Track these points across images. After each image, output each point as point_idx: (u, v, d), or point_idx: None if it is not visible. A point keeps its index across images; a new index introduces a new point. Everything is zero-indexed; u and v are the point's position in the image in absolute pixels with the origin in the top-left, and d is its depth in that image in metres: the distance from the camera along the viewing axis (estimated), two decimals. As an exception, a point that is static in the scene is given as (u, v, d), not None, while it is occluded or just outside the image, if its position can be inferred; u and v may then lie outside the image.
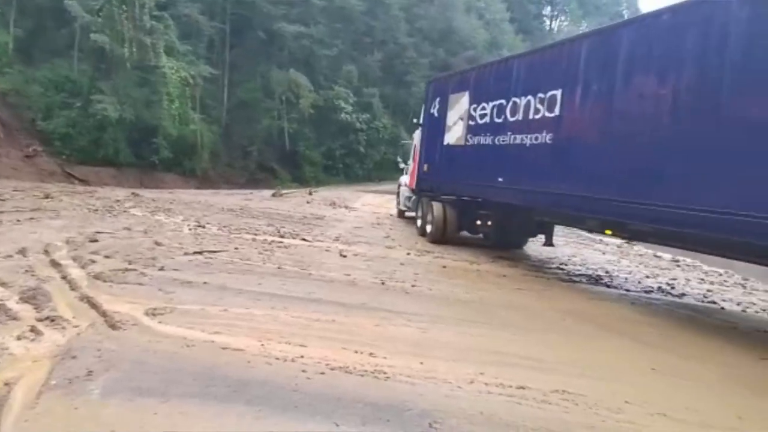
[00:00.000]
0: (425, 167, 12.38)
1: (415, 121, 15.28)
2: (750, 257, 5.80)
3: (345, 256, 8.60)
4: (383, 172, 36.96)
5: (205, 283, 5.95)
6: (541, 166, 8.24)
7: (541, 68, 8.64)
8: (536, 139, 8.31)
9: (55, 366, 3.48)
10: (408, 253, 9.44)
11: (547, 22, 67.69)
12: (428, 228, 11.39)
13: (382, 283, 6.83)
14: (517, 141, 8.80)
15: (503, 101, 9.26)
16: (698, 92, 5.79)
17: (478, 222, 10.40)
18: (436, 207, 11.03)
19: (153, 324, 4.46)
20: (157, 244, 8.20)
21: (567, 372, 4.16)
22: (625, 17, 65.18)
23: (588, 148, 7.42)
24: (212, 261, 7.28)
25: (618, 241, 13.11)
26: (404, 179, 15.48)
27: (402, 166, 16.84)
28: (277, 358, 3.85)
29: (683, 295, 8.10)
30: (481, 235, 11.19)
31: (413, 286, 6.83)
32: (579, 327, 5.66)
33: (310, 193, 24.16)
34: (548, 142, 8.06)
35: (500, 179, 9.21)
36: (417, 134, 13.94)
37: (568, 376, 4.04)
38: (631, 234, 7.59)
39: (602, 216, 7.21)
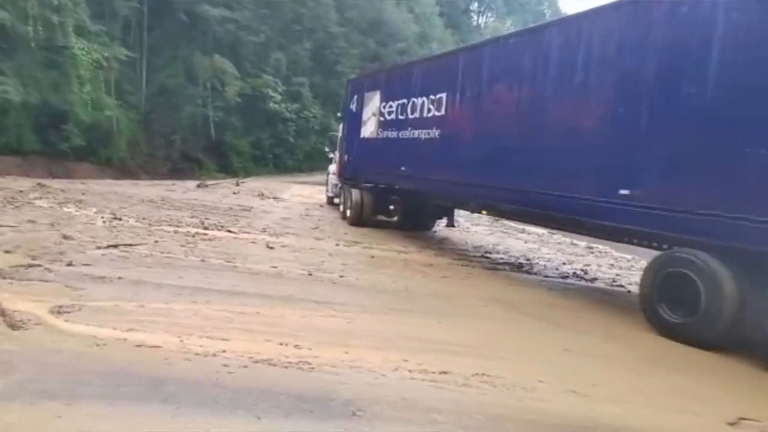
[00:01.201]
0: (346, 158, 13.80)
1: (339, 114, 16.49)
2: (574, 229, 7.43)
3: (272, 248, 8.44)
4: (314, 162, 36.56)
5: (119, 278, 5.62)
6: (432, 157, 9.72)
7: (433, 73, 10.15)
8: (428, 134, 9.82)
9: (-57, 372, 3.16)
10: (337, 244, 9.41)
11: (475, 18, 69.55)
12: (348, 212, 12.71)
13: (310, 275, 6.76)
14: (415, 135, 10.27)
15: (405, 100, 10.68)
16: (531, 100, 7.46)
17: (391, 207, 11.94)
18: (355, 193, 12.33)
19: (59, 323, 4.15)
20: (66, 237, 7.63)
21: (487, 355, 4.32)
22: (547, 16, 68.37)
23: (465, 142, 8.91)
24: (128, 255, 6.88)
25: (539, 230, 13.79)
26: (332, 168, 16.26)
27: (331, 156, 17.46)
28: (197, 354, 3.71)
29: (595, 279, 8.67)
30: (396, 218, 12.37)
31: (341, 276, 6.82)
32: (500, 312, 5.90)
33: (238, 184, 23.47)
34: (437, 137, 9.59)
35: (403, 168, 10.66)
36: (341, 126, 15.15)
37: (488, 359, 4.20)
38: (500, 213, 9.33)
39: (478, 199, 8.81)
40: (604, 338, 5.28)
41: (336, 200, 15.30)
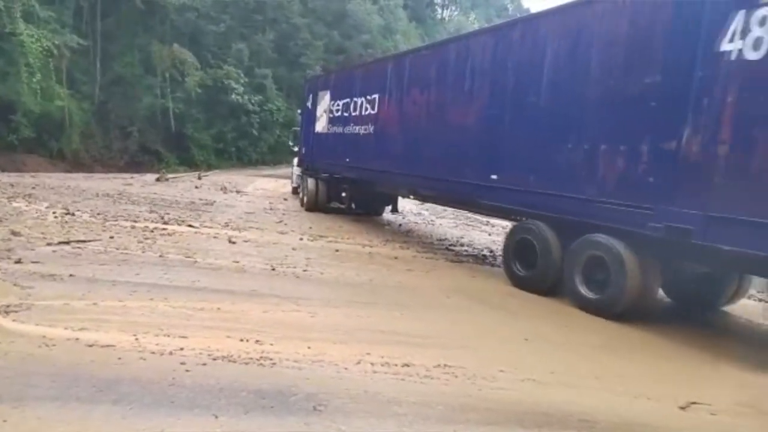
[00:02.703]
0: (303, 150, 15.33)
1: (299, 111, 17.78)
2: (470, 208, 9.41)
3: (234, 243, 8.28)
4: (278, 155, 36.07)
5: (71, 275, 5.40)
6: (368, 149, 11.12)
7: (370, 76, 11.56)
8: (365, 129, 11.24)
9: None
10: (301, 239, 9.32)
11: (439, 11, 69.74)
12: (305, 199, 14.02)
13: (273, 269, 6.67)
14: (356, 131, 11.68)
15: (349, 100, 12.09)
16: (437, 102, 8.90)
17: (343, 194, 13.12)
18: (311, 182, 13.70)
19: (5, 323, 3.96)
20: (14, 233, 7.29)
21: (449, 346, 4.36)
22: (510, 11, 69.17)
23: (392, 137, 10.29)
24: (81, 251, 6.62)
25: (504, 222, 14.00)
26: (296, 160, 16.98)
27: (295, 149, 17.83)
28: (153, 352, 3.60)
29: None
30: (353, 205, 13.37)
31: (305, 270, 6.76)
32: (462, 303, 5.97)
33: (200, 178, 22.93)
34: (372, 132, 11.00)
35: (347, 160, 12.05)
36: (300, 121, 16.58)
37: (450, 350, 4.24)
38: (423, 198, 10.81)
39: (405, 185, 10.29)
40: (562, 327, 5.41)
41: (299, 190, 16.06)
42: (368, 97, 11.11)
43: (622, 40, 5.61)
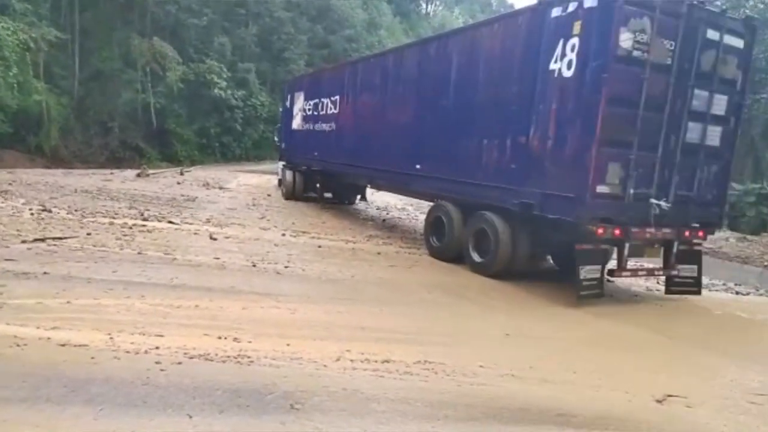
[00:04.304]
0: (282, 145, 17.07)
1: (281, 110, 18.99)
2: (406, 194, 11.46)
3: (215, 239, 8.18)
4: (262, 151, 35.71)
5: (45, 273, 5.29)
6: (332, 145, 12.59)
7: (333, 79, 12.97)
8: (330, 127, 12.76)
9: None
10: (283, 234, 9.25)
11: (424, 6, 69.53)
12: (283, 190, 15.68)
13: (254, 266, 6.61)
14: (322, 128, 13.21)
15: (318, 100, 13.59)
16: (380, 104, 10.34)
17: (318, 185, 14.57)
18: (289, 174, 15.35)
19: (-26, 323, 3.86)
20: (-13, 231, 7.12)
21: (429, 342, 4.36)
22: (493, 7, 69.27)
23: (349, 133, 11.81)
24: (57, 249, 6.49)
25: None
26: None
27: (279, 144, 18.07)
28: (128, 351, 3.54)
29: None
30: (325, 194, 14.74)
31: (286, 267, 6.70)
32: (443, 299, 5.98)
33: (182, 173, 22.60)
34: (334, 129, 12.54)
35: (316, 154, 13.54)
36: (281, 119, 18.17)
37: (430, 345, 4.24)
38: (379, 187, 12.05)
39: (362, 177, 11.70)
40: (541, 321, 5.45)
41: None
42: (332, 98, 12.55)
43: (497, 57, 7.18)
